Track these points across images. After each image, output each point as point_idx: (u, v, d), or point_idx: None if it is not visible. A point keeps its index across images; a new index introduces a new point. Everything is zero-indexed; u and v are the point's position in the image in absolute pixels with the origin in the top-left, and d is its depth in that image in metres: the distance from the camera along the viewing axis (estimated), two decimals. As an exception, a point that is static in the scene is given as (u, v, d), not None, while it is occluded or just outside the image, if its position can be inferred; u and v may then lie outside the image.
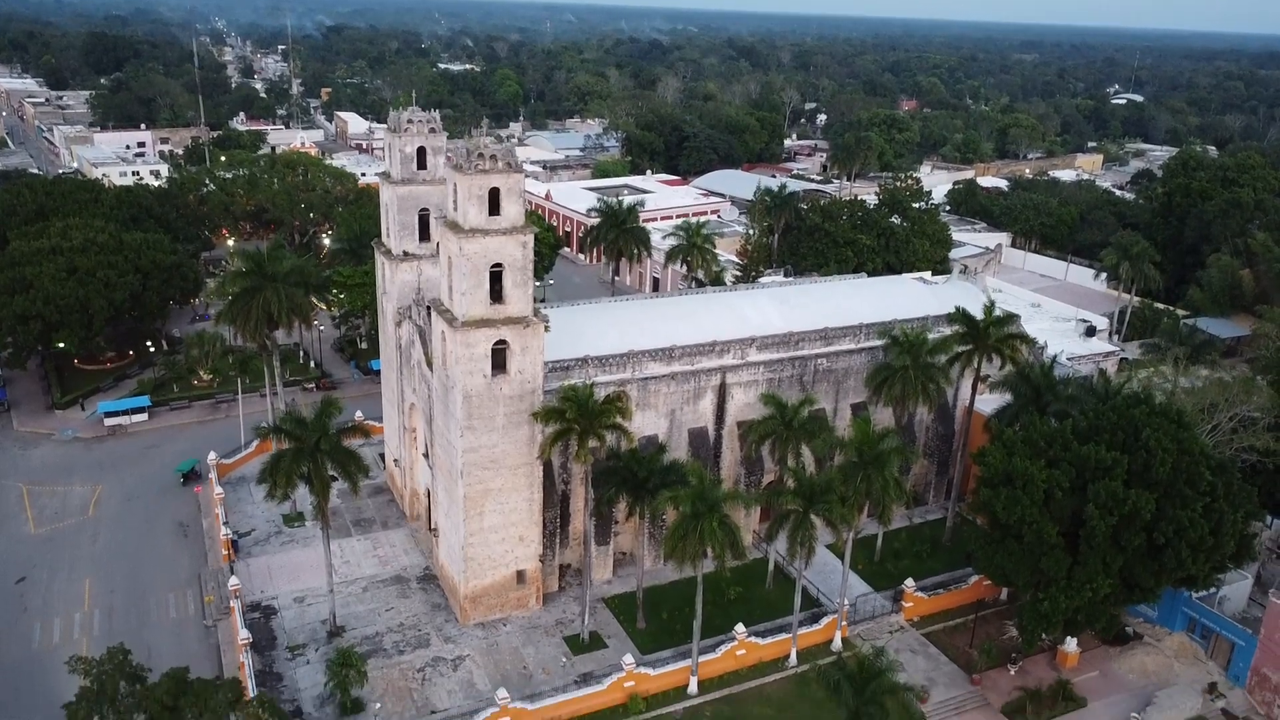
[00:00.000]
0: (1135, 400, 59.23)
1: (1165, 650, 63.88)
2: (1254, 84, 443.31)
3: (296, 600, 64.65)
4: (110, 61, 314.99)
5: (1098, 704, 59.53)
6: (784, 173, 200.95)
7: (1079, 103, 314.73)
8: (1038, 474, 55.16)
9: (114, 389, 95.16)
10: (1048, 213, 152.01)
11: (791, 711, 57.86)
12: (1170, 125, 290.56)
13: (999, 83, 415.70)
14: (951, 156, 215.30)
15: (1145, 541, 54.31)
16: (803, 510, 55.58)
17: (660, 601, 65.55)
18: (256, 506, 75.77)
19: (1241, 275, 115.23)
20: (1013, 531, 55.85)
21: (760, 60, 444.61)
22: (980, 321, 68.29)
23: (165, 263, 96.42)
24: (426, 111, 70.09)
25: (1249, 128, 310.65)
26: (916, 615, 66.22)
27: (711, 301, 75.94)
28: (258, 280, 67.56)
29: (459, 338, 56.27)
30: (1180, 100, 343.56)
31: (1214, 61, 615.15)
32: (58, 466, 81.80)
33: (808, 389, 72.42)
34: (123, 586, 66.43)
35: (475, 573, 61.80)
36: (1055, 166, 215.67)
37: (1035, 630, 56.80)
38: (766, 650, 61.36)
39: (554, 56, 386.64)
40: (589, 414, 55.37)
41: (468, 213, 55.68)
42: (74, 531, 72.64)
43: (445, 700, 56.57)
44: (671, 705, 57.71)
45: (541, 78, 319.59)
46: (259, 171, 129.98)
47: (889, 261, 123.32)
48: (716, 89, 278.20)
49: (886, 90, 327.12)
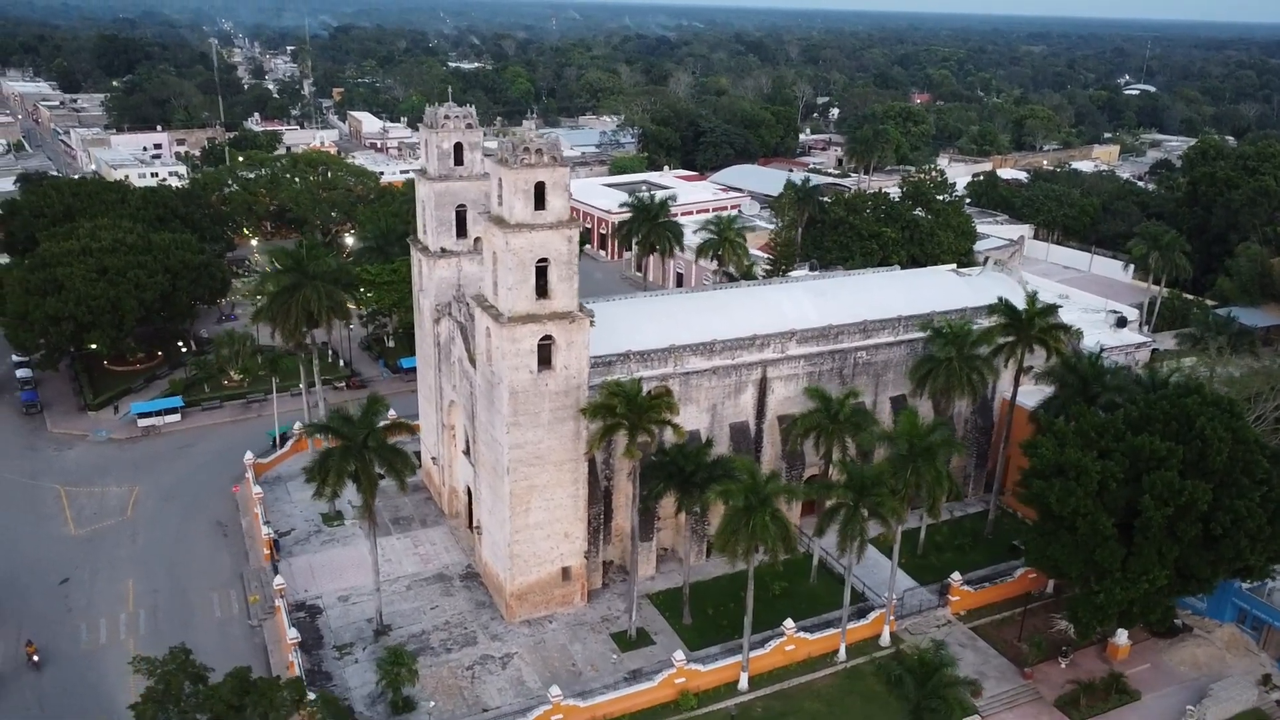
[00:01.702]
0: (1187, 390, 58.66)
1: (1216, 642, 63.31)
2: (1265, 73, 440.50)
3: (341, 599, 64.44)
4: (121, 64, 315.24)
5: (1151, 697, 59.04)
6: (800, 167, 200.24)
7: (1092, 94, 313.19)
8: (1091, 465, 54.65)
9: (145, 390, 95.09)
10: (1070, 204, 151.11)
11: (842, 706, 57.46)
12: (1185, 115, 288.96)
13: (1009, 74, 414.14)
14: (968, 149, 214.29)
15: (1202, 532, 53.80)
16: (853, 504, 55.14)
17: (704, 597, 65.21)
18: (295, 505, 75.66)
19: (1272, 264, 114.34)
20: (1066, 523, 55.32)
21: (769, 55, 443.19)
22: (1023, 312, 67.70)
23: (194, 263, 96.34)
24: (462, 107, 69.62)
25: (1264, 116, 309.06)
26: (963, 609, 65.76)
27: (748, 295, 75.42)
28: (297, 278, 67.27)
29: (505, 333, 55.93)
30: (1193, 90, 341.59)
31: (1223, 51, 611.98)
32: (94, 467, 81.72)
33: (847, 382, 72.04)
34: (165, 586, 66.29)
35: (521, 570, 61.51)
36: (1072, 158, 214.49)
37: (1090, 623, 56.30)
38: (815, 645, 60.99)
39: (563, 54, 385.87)
40: (639, 409, 55.00)
41: (513, 207, 55.31)
42: (114, 532, 72.54)
43: (496, 698, 56.32)
44: (722, 701, 57.35)
45: (552, 75, 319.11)
46: (280, 171, 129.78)
47: (914, 254, 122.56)
48: (728, 84, 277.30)
49: (898, 83, 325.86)
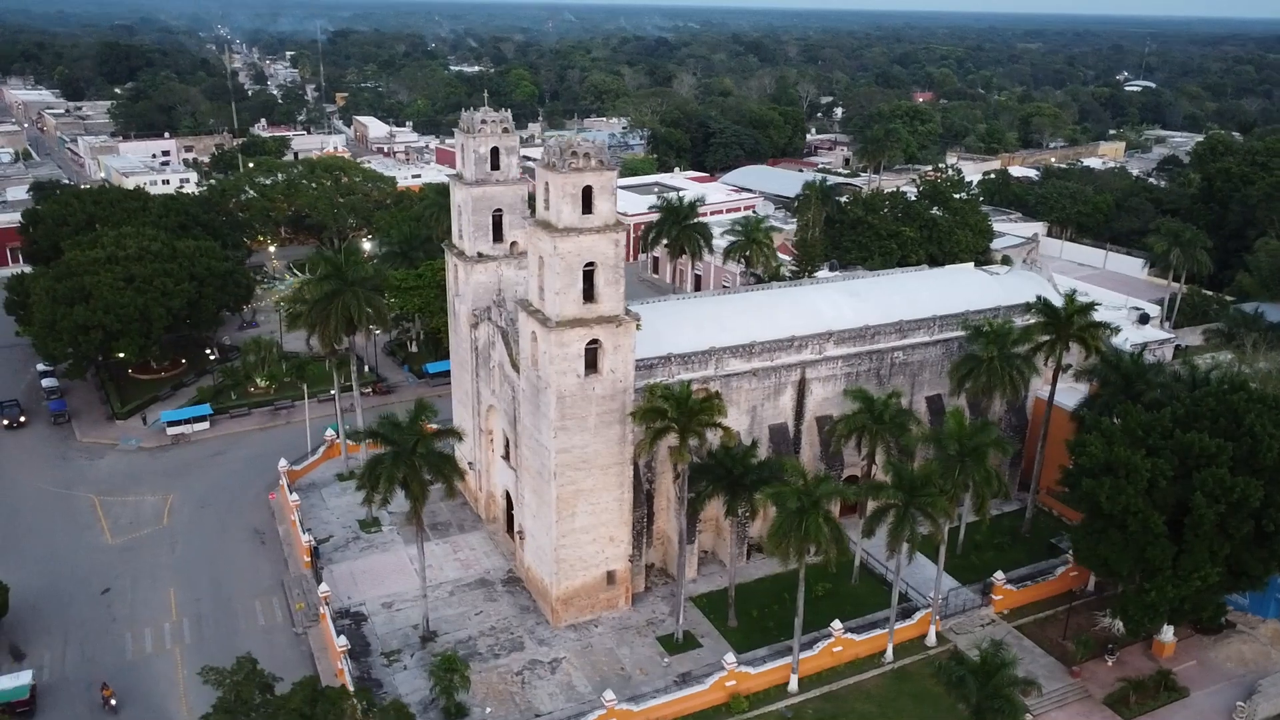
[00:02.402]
0: (1233, 387, 58.70)
1: (1261, 638, 63.43)
2: (1264, 68, 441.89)
3: (385, 606, 64.34)
4: (123, 71, 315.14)
5: (1199, 694, 59.09)
6: (809, 167, 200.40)
7: (1094, 90, 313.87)
8: (1141, 463, 54.64)
9: (171, 398, 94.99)
10: (1083, 201, 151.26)
11: (894, 707, 57.48)
12: (1188, 111, 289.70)
13: (1009, 72, 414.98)
14: (975, 147, 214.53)
15: (1254, 529, 53.83)
16: (903, 505, 55.15)
17: (748, 599, 65.16)
18: (331, 512, 75.59)
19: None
20: (1116, 521, 55.26)
21: (768, 55, 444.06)
22: (1061, 310, 67.77)
23: (220, 270, 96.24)
24: (499, 111, 69.61)
25: (1266, 111, 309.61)
26: (1006, 608, 65.80)
27: (783, 297, 75.38)
28: (337, 284, 67.22)
29: (552, 338, 55.89)
30: (1195, 86, 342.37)
31: (1220, 46, 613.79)
32: (126, 476, 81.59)
33: (884, 383, 72.09)
34: (207, 595, 66.19)
35: (566, 574, 61.46)
36: (1079, 155, 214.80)
37: (1141, 620, 56.31)
38: (862, 646, 61.01)
39: (564, 56, 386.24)
40: (689, 412, 54.98)
41: (561, 211, 55.28)
42: (151, 541, 72.40)
43: (548, 703, 56.24)
44: (772, 704, 57.32)
45: (554, 77, 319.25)
46: (296, 177, 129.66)
47: (932, 253, 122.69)
48: (732, 85, 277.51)
49: (900, 82, 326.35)
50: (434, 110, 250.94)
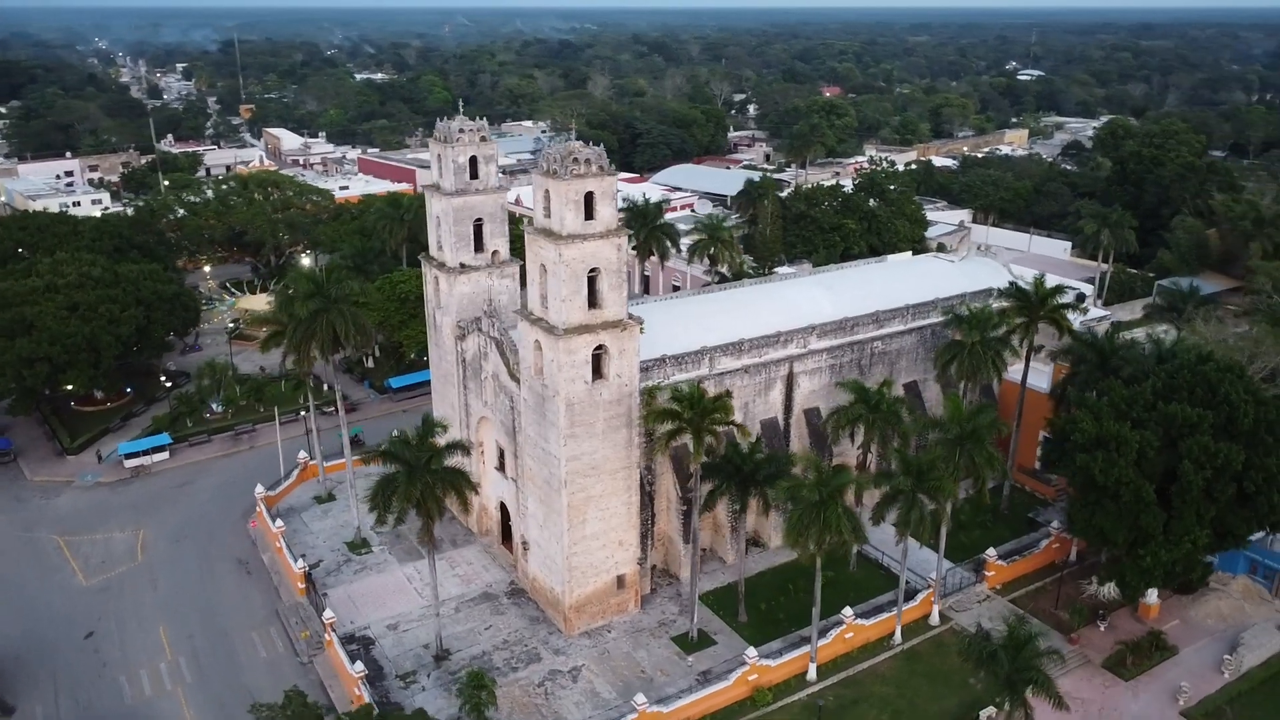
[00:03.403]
0: (1203, 358, 62.08)
1: (1234, 594, 67.12)
2: (1140, 54, 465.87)
3: (390, 628, 63.06)
4: (4, 88, 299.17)
5: (1187, 650, 62.24)
6: (734, 164, 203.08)
7: (991, 80, 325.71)
8: (1130, 436, 57.38)
9: (123, 429, 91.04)
10: (1005, 188, 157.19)
11: (909, 688, 59.01)
12: (1080, 98, 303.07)
13: (906, 65, 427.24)
14: (891, 139, 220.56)
15: (1236, 491, 57.06)
16: (911, 490, 56.69)
17: (752, 594, 65.96)
18: (315, 536, 73.68)
19: (1208, 235, 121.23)
20: (1109, 493, 57.89)
21: (673, 55, 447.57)
22: (1032, 294, 70.54)
23: (167, 293, 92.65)
24: (474, 120, 68.88)
25: (1148, 96, 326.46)
26: (998, 583, 68.22)
27: (760, 293, 76.48)
28: (321, 302, 65.53)
29: (561, 345, 55.65)
30: (1083, 74, 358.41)
31: (1096, 35, 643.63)
32: (89, 513, 77.91)
33: (865, 372, 73.85)
34: (200, 631, 63.78)
35: (578, 581, 61.29)
36: (988, 144, 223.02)
37: (1137, 585, 59.17)
38: (871, 631, 62.47)
39: (470, 60, 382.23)
40: (703, 412, 55.44)
41: (564, 218, 55.09)
42: (129, 579, 69.36)
43: (574, 712, 56.00)
44: (794, 694, 58.25)
45: (465, 82, 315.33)
46: (226, 194, 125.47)
47: (872, 244, 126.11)
48: (646, 85, 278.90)
49: (806, 78, 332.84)
50: (347, 120, 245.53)
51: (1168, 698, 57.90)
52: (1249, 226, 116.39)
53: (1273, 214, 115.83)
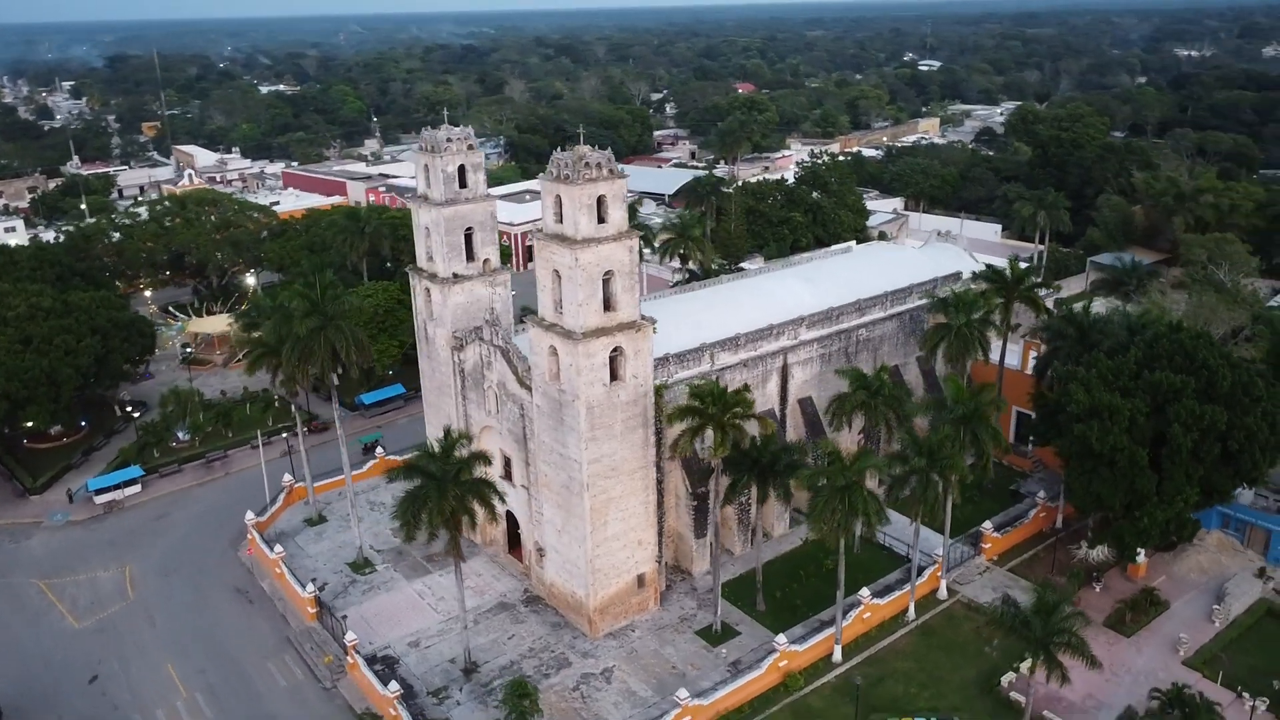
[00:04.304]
0: (1177, 327, 65.73)
1: (1210, 548, 71.08)
2: (1029, 42, 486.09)
3: (411, 645, 62.25)
4: None
5: (1178, 604, 65.82)
6: (663, 163, 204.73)
7: (897, 72, 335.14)
8: (1122, 405, 60.45)
9: (85, 464, 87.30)
10: (933, 175, 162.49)
11: (929, 660, 61.02)
12: (982, 86, 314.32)
13: (810, 59, 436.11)
14: (812, 132, 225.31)
15: (1221, 450, 60.64)
16: (925, 469, 58.66)
17: (764, 582, 67.00)
18: (314, 559, 72.09)
19: (1133, 212, 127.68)
20: (1105, 460, 60.88)
21: (581, 56, 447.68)
22: (1009, 275, 73.54)
23: (123, 320, 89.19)
24: (460, 128, 68.35)
25: (1043, 82, 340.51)
26: (995, 554, 70.96)
27: (744, 289, 77.84)
28: (319, 320, 64.11)
29: (580, 349, 55.81)
30: (979, 62, 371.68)
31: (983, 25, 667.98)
32: (66, 554, 74.60)
33: (852, 359, 75.90)
34: (211, 664, 61.88)
35: (602, 583, 61.55)
36: (904, 133, 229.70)
37: (1134, 545, 62.37)
38: (886, 609, 64.33)
39: (374, 68, 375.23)
40: (727, 406, 56.34)
41: (578, 223, 55.26)
42: (124, 618, 66.78)
43: (614, 712, 56.29)
44: (823, 676, 59.66)
45: (376, 91, 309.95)
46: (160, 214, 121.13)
47: (818, 235, 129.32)
48: (563, 87, 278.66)
49: (717, 75, 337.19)
50: (261, 134, 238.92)
51: (1169, 650, 61.15)
52: (1171, 202, 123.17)
53: (1191, 189, 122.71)
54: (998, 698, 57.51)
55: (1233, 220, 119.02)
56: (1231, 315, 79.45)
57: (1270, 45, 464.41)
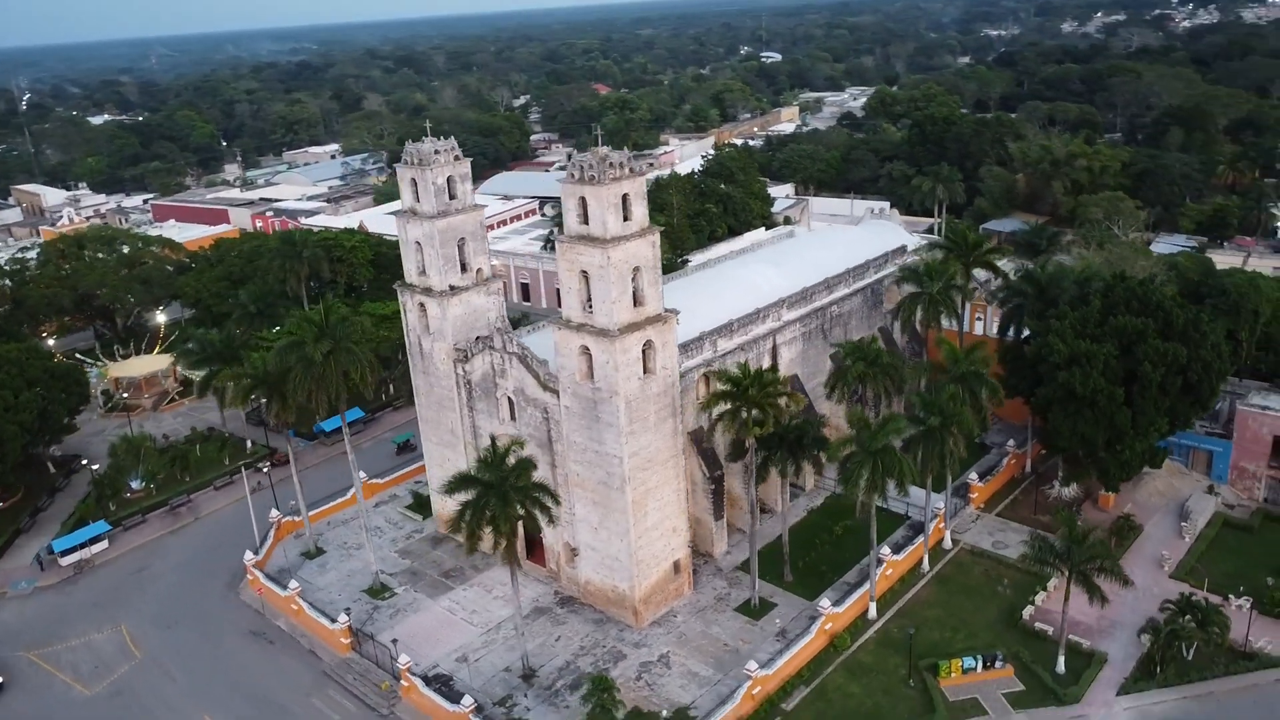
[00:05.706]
0: (1122, 277, 72.43)
1: (1163, 474, 78.46)
2: (855, 30, 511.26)
3: (459, 661, 61.63)
4: None
5: (1150, 526, 72.60)
6: (546, 167, 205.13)
7: (746, 65, 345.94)
8: (1095, 350, 66.26)
9: (34, 527, 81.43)
10: (818, 160, 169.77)
11: (953, 605, 65.20)
12: (826, 74, 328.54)
13: (653, 58, 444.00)
14: (685, 127, 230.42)
15: (1182, 383, 67.35)
16: (940, 427, 62.66)
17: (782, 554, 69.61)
18: (326, 592, 70.08)
19: (1016, 180, 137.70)
20: (1087, 401, 66.56)
21: (422, 67, 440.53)
22: (967, 242, 78.96)
23: (59, 370, 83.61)
24: (443, 140, 67.89)
25: (879, 67, 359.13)
26: (981, 502, 76.18)
27: (718, 276, 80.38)
28: (329, 344, 62.36)
29: (617, 346, 56.90)
30: (818, 51, 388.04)
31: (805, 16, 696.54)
32: (47, 621, 69.68)
33: (828, 335, 79.70)
34: (253, 711, 59.58)
35: (643, 574, 62.81)
36: (771, 122, 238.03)
37: (1118, 476, 68.54)
38: (903, 564, 68.23)
39: (209, 91, 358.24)
40: (762, 388, 58.59)
41: (606, 222, 56.29)
42: (138, 678, 63.23)
43: (683, 694, 57.69)
44: (864, 633, 62.91)
45: (220, 114, 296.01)
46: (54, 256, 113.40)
47: (731, 225, 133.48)
48: (425, 99, 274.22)
49: (571, 77, 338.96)
50: (107, 166, 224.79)
51: (1155, 567, 67.52)
52: (1048, 168, 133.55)
53: (1065, 155, 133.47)
54: (1024, 630, 62.19)
55: (1103, 181, 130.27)
56: (1146, 264, 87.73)
57: (1066, 21, 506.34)
